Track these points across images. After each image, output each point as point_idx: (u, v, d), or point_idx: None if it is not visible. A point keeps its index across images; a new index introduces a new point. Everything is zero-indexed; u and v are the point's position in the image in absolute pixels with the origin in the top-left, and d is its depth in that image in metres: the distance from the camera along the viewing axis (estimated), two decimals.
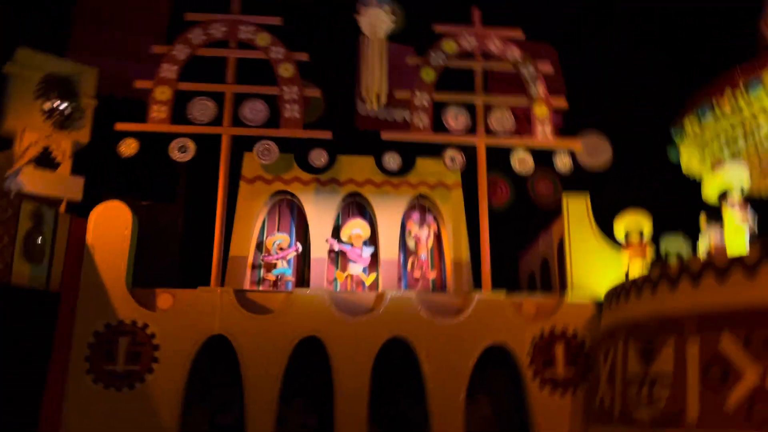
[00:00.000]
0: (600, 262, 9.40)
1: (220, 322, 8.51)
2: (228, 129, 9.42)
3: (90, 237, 8.62)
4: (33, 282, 7.95)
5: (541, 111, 9.78)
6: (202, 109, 9.38)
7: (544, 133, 9.70)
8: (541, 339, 8.81)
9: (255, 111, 9.46)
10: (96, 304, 8.40)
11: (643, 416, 6.40)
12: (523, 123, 9.93)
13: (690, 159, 8.78)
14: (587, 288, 9.17)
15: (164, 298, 8.69)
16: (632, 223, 8.97)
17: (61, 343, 8.21)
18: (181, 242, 10.41)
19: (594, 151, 13.55)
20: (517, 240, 12.41)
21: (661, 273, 6.65)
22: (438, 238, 10.58)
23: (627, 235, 9.08)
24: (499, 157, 9.92)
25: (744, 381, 5.60)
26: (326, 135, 9.49)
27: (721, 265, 6.04)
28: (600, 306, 8.90)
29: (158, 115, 9.30)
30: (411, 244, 10.27)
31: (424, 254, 10.08)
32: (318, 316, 8.66)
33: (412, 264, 10.11)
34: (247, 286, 9.78)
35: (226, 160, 9.38)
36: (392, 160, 9.64)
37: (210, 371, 8.87)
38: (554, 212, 11.57)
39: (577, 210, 9.66)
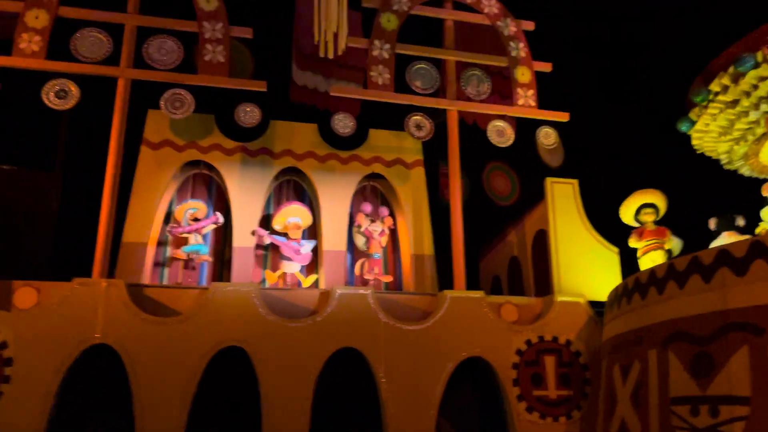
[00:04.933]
0: (592, 259, 7.77)
1: (104, 326, 6.14)
2: (126, 70, 7.10)
3: None
4: None
5: (522, 74, 8.10)
6: (91, 44, 7.04)
7: (526, 101, 8.01)
8: (528, 349, 7.01)
9: (165, 51, 7.21)
10: None
11: None
12: (500, 88, 8.20)
13: (709, 129, 7.27)
14: (575, 291, 7.49)
15: (25, 294, 6.27)
16: (647, 201, 7.41)
17: None
18: (56, 222, 7.87)
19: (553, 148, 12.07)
20: (475, 239, 10.68)
21: (719, 254, 5.00)
22: (393, 234, 8.61)
23: (638, 219, 7.52)
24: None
25: None
26: (259, 86, 7.37)
27: None
28: (598, 307, 7.25)
29: (30, 46, 6.87)
30: (360, 242, 8.23)
31: (377, 253, 8.08)
32: (243, 319, 6.48)
33: (362, 266, 8.08)
34: (148, 275, 7.42)
35: (121, 114, 7.03)
36: (344, 123, 7.59)
37: (87, 395, 6.47)
38: (520, 205, 9.99)
39: (563, 197, 7.98)
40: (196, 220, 7.65)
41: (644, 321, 5.73)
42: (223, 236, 8.13)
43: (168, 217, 7.95)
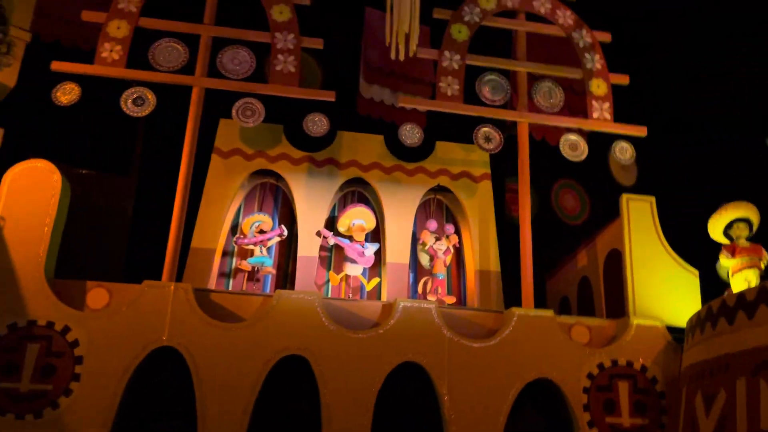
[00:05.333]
0: (670, 281, 7.31)
1: (170, 329, 6.21)
2: (201, 80, 7.25)
3: (1, 204, 6.33)
4: None
5: (598, 86, 7.82)
6: (168, 54, 7.23)
7: (601, 114, 7.72)
8: (600, 373, 6.66)
9: (238, 61, 7.34)
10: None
11: None
12: (570, 102, 7.93)
13: None
14: (651, 313, 7.09)
15: (97, 294, 6.41)
16: (741, 216, 6.81)
17: None
18: (129, 226, 8.07)
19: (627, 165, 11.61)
20: (541, 257, 10.33)
21: None
22: (458, 251, 8.42)
23: (728, 234, 6.98)
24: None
25: None
26: (329, 96, 7.38)
27: None
28: (676, 332, 6.83)
29: (111, 55, 7.12)
30: (424, 260, 8.06)
31: (441, 273, 7.89)
32: (305, 328, 6.41)
33: (425, 285, 7.90)
34: (213, 284, 7.50)
35: (195, 122, 7.17)
36: (411, 133, 7.50)
37: (153, 397, 6.51)
38: (591, 223, 9.62)
39: (639, 215, 7.59)
40: (261, 232, 7.70)
41: (731, 347, 5.33)
42: (287, 249, 8.15)
43: (234, 229, 8.04)
